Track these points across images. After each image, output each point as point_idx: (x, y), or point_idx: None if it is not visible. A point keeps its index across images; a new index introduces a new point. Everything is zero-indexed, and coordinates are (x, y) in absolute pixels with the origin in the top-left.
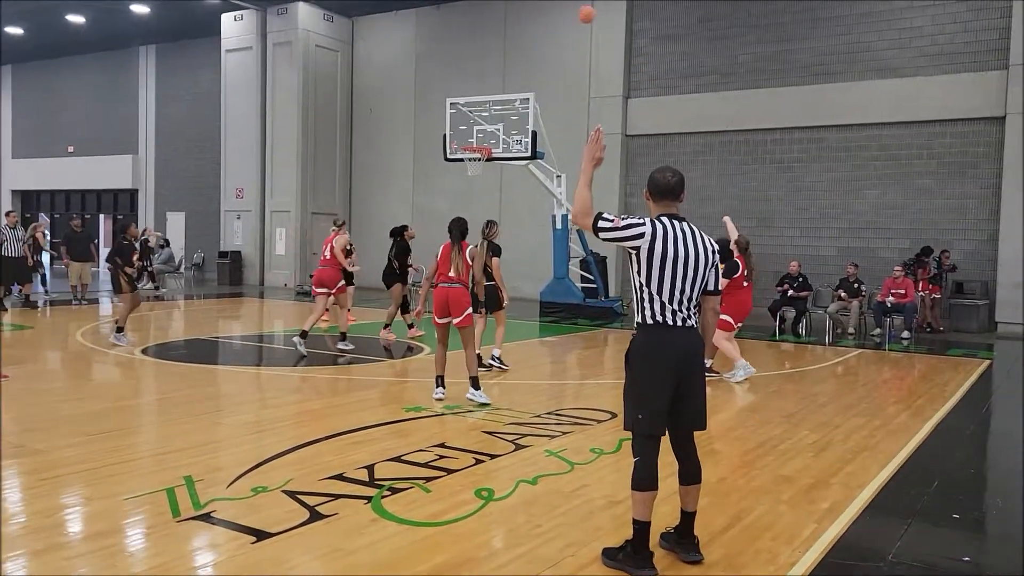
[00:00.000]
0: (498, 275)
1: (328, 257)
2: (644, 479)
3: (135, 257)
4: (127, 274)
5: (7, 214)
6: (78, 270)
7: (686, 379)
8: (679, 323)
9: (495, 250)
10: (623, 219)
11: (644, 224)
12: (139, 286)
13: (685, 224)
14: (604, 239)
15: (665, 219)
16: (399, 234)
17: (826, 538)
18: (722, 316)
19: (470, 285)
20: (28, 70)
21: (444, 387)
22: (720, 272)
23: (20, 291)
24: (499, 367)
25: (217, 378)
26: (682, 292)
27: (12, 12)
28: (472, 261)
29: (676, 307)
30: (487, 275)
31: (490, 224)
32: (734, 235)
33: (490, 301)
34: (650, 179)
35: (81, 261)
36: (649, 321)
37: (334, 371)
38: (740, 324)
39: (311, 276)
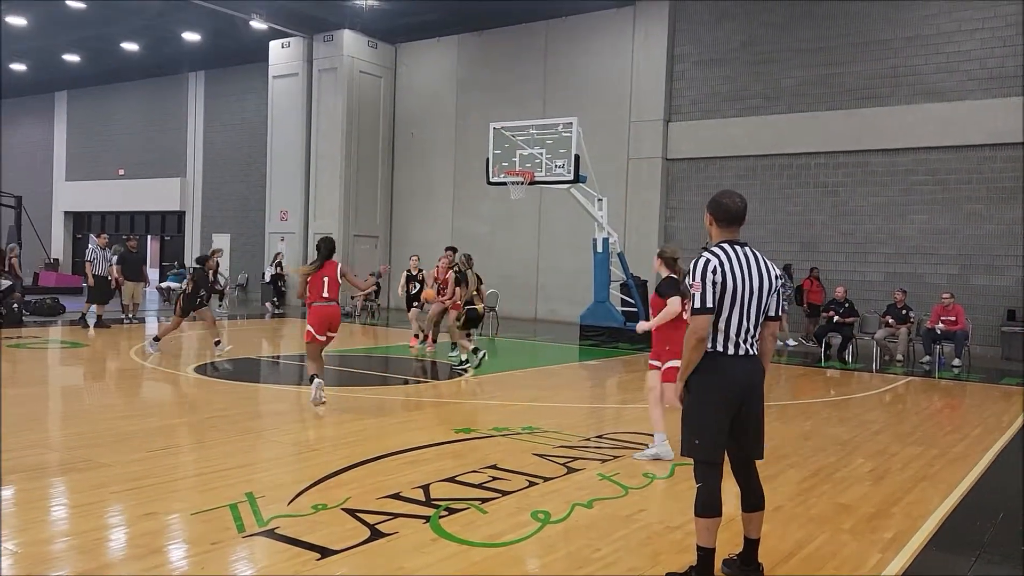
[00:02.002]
0: None
1: None
2: (707, 505)
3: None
4: (187, 299)
5: (98, 235)
6: (131, 289)
7: (745, 407)
8: (740, 352)
9: None
10: (699, 282)
11: (710, 261)
12: (206, 305)
13: (747, 249)
14: (712, 305)
15: (727, 246)
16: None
17: (892, 569)
18: (668, 364)
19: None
20: (82, 95)
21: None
22: (781, 297)
23: (94, 311)
24: None
25: (267, 397)
26: (740, 322)
27: (70, 40)
28: (343, 279)
29: (735, 336)
30: None
31: None
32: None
33: None
34: (715, 204)
35: (134, 281)
36: (709, 349)
37: (381, 391)
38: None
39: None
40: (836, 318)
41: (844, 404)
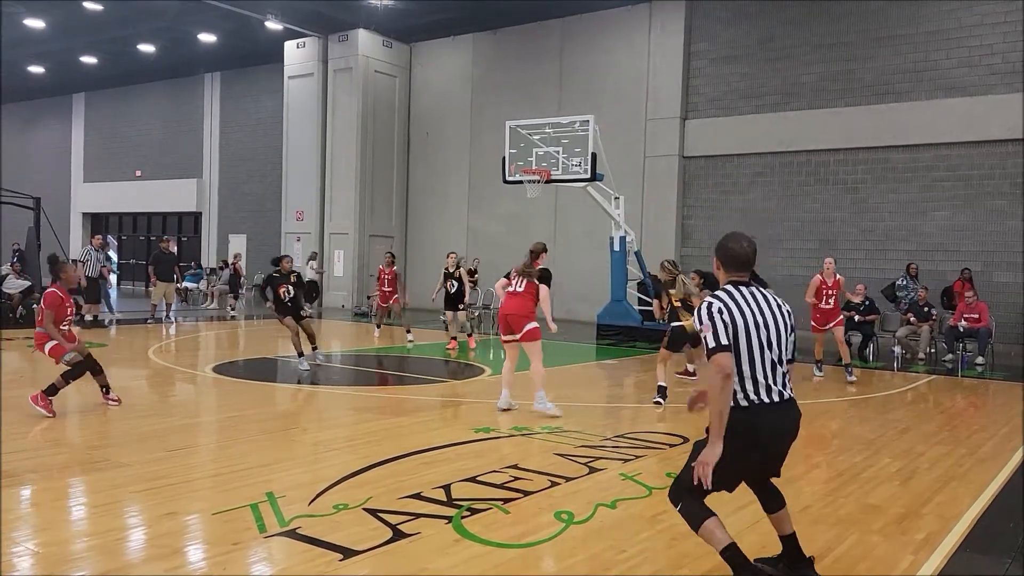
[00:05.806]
0: None
1: None
2: (696, 515)
3: (281, 289)
4: (275, 304)
5: (93, 237)
6: (163, 290)
7: (773, 448)
8: (774, 398)
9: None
10: (708, 322)
11: (713, 303)
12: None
13: (754, 288)
14: (726, 341)
15: (730, 287)
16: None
17: (926, 570)
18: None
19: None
20: (99, 97)
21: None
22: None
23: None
24: None
25: (286, 397)
26: (763, 359)
27: (87, 42)
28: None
29: (763, 379)
30: None
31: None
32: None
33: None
34: (722, 248)
35: (166, 281)
36: (743, 403)
37: (399, 391)
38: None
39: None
40: (856, 317)
41: (867, 403)
